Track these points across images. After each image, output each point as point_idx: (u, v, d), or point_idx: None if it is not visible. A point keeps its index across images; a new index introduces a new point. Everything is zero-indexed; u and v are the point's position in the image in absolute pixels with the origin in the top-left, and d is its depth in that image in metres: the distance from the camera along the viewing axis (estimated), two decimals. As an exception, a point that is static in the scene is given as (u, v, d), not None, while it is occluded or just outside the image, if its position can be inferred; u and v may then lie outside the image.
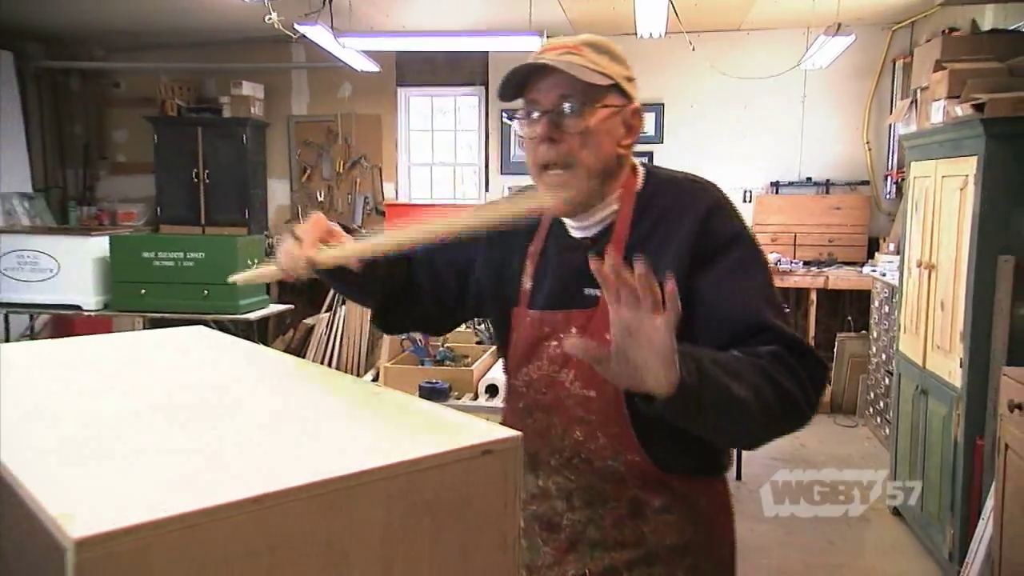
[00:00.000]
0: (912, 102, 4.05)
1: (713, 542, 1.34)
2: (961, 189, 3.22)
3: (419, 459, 0.62)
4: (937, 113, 3.43)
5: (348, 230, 1.41)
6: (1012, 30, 3.88)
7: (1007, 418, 2.79)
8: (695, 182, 1.34)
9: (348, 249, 1.28)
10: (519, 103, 1.30)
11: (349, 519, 0.58)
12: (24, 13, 6.52)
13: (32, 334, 6.19)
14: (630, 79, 1.30)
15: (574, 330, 1.29)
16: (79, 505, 0.51)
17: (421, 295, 1.52)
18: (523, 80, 1.27)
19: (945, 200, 3.41)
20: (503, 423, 1.40)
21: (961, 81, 3.28)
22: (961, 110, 3.17)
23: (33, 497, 0.53)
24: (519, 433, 0.70)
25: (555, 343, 1.31)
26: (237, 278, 1.55)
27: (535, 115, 1.26)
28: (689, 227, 1.25)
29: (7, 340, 5.79)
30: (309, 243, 1.28)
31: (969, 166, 3.14)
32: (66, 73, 7.73)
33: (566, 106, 1.23)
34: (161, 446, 0.67)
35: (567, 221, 1.35)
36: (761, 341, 1.15)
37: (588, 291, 1.28)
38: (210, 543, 0.51)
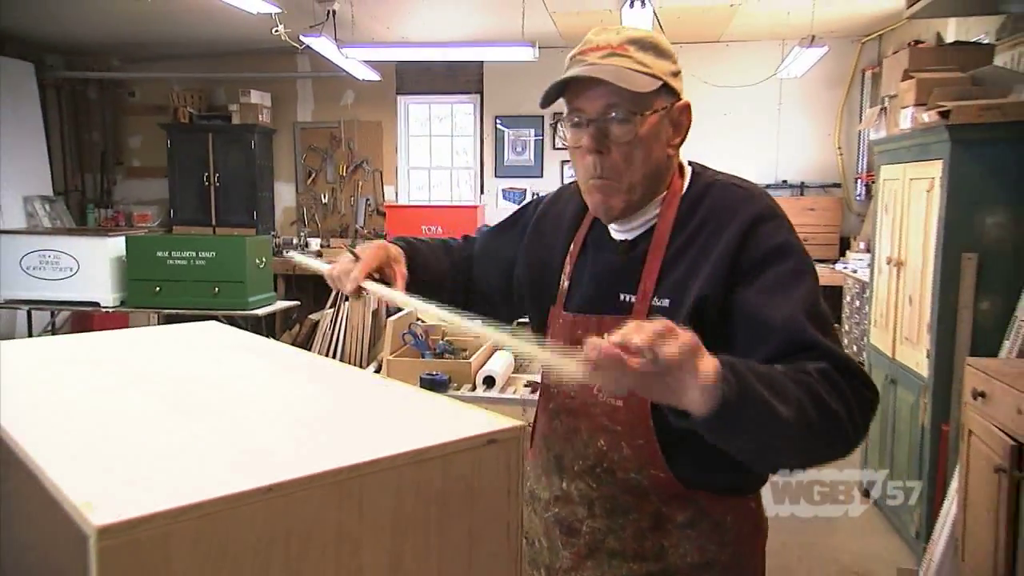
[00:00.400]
0: (882, 109, 4.06)
1: (738, 562, 1.22)
2: (928, 191, 3.23)
3: (427, 448, 0.61)
4: (906, 120, 3.43)
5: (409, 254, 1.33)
6: (973, 42, 3.89)
7: (970, 405, 2.80)
8: (742, 188, 1.21)
9: (395, 294, 1.21)
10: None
11: (360, 507, 0.57)
12: (44, 26, 6.51)
13: (53, 330, 6.17)
14: (676, 73, 1.18)
15: (605, 336, 1.18)
16: (100, 494, 0.50)
17: (474, 294, 1.46)
18: (564, 85, 1.17)
19: (913, 201, 3.41)
20: (534, 421, 1.36)
21: (928, 90, 3.28)
22: (928, 117, 3.17)
23: (56, 486, 0.52)
24: (522, 423, 0.68)
25: None
26: (296, 256, 1.51)
27: (581, 123, 1.15)
28: (733, 236, 1.12)
29: (30, 335, 5.76)
30: (363, 269, 1.21)
31: (935, 169, 3.14)
32: (84, 83, 7.71)
33: (613, 115, 1.12)
34: (177, 437, 0.66)
35: (610, 223, 1.24)
36: (808, 359, 1.01)
37: (623, 296, 1.19)
38: (227, 530, 0.50)
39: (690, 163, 1.26)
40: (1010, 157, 2.98)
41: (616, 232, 1.24)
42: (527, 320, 1.43)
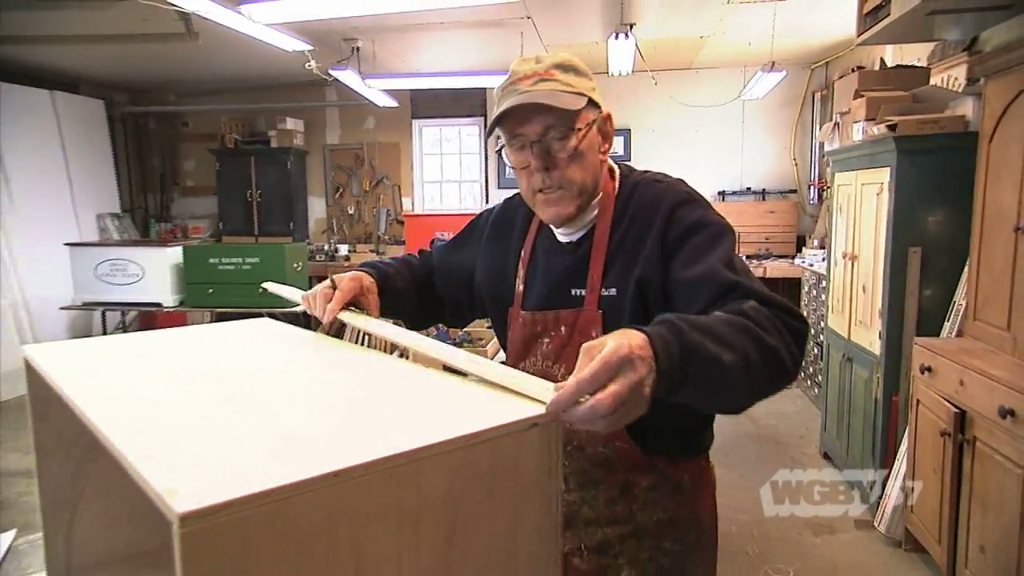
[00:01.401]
0: (835, 124, 4.03)
1: (696, 515, 1.21)
2: (878, 194, 3.20)
3: (477, 433, 0.58)
4: (858, 132, 3.41)
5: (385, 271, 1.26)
6: (912, 65, 3.87)
7: (918, 379, 2.78)
8: (662, 182, 1.19)
9: (368, 323, 1.12)
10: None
11: (417, 488, 0.54)
12: (112, 69, 6.57)
13: (124, 327, 6.15)
14: (594, 88, 1.16)
15: (563, 328, 1.17)
16: (181, 481, 0.48)
17: (442, 306, 1.42)
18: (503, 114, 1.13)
19: (864, 203, 3.39)
20: None
21: (876, 106, 3.26)
22: (877, 130, 3.15)
23: (139, 474, 0.49)
24: None
25: (547, 340, 1.20)
26: (269, 287, 1.39)
27: (525, 146, 1.12)
28: (659, 223, 1.11)
29: (104, 333, 5.75)
30: (339, 300, 1.14)
31: (884, 175, 3.12)
32: (145, 116, 7.71)
33: (552, 134, 1.10)
34: (244, 426, 0.62)
35: (554, 227, 1.21)
36: (736, 299, 0.97)
37: (574, 291, 1.17)
38: (298, 512, 0.47)
39: (617, 164, 1.24)
40: (947, 163, 2.98)
41: (561, 236, 1.22)
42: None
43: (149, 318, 6.28)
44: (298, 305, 1.21)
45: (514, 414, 0.62)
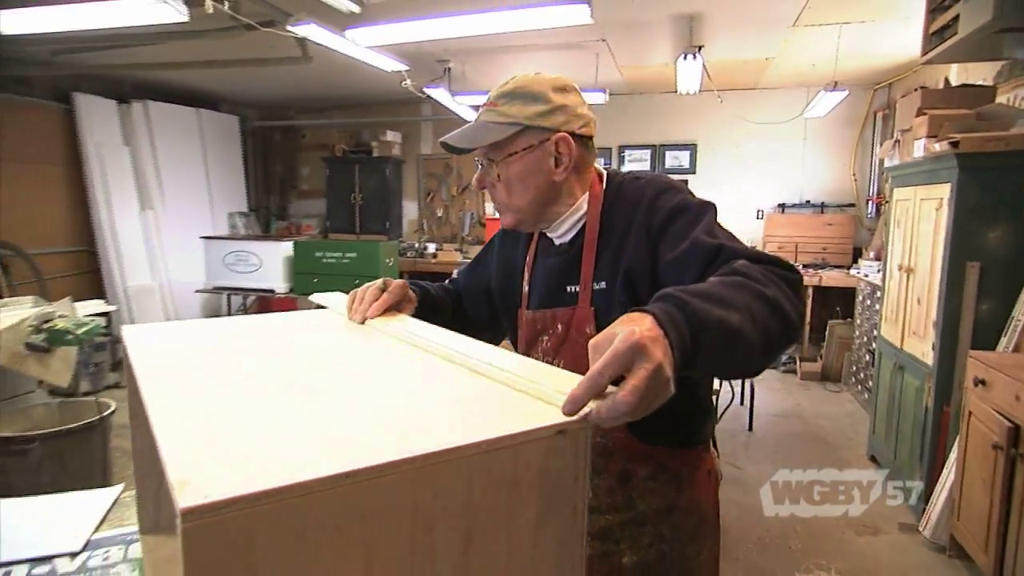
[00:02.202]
0: (895, 142, 3.73)
1: (695, 503, 1.13)
2: (937, 209, 2.94)
3: (498, 439, 0.51)
4: (919, 149, 3.14)
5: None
6: (977, 85, 3.54)
7: (971, 391, 2.54)
8: (641, 178, 1.12)
9: (401, 329, 0.99)
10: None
11: (433, 492, 0.48)
12: (246, 91, 6.89)
13: (245, 309, 6.42)
14: (551, 111, 1.06)
15: (559, 326, 1.12)
16: (196, 471, 0.43)
17: (474, 325, 1.32)
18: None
19: (923, 218, 3.12)
20: None
21: (938, 124, 2.99)
22: (939, 147, 2.88)
23: (163, 460, 0.46)
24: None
25: (546, 338, 1.14)
26: (315, 298, 1.26)
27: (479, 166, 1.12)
28: (642, 214, 1.04)
29: (229, 313, 6.02)
30: (379, 305, 1.05)
31: (944, 191, 2.86)
32: (271, 129, 7.98)
33: (481, 164, 1.10)
34: (281, 416, 0.57)
35: (548, 232, 1.17)
36: (723, 263, 0.89)
37: (569, 288, 1.11)
38: (306, 512, 0.43)
39: (607, 169, 1.18)
40: (1010, 181, 2.70)
41: (556, 238, 1.17)
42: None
43: (265, 302, 6.53)
44: (339, 309, 1.13)
45: (540, 420, 0.55)
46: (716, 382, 3.14)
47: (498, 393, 0.64)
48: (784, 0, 3.73)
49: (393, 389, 0.66)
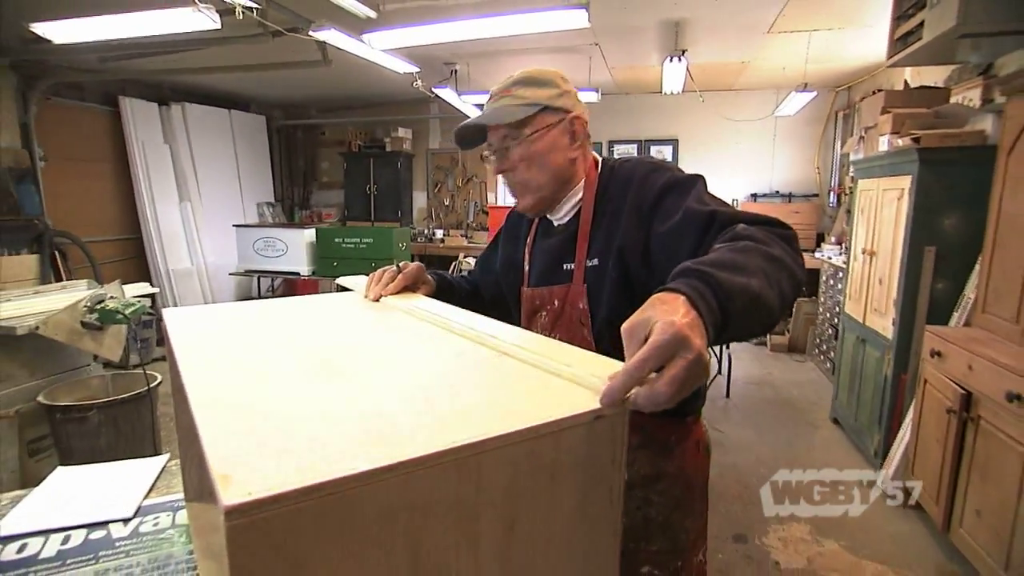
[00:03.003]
0: (860, 138, 3.67)
1: (683, 472, 1.06)
2: (898, 199, 2.89)
3: (540, 426, 0.46)
4: (883, 144, 3.08)
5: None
6: (933, 87, 3.48)
7: (928, 361, 2.52)
8: (630, 161, 1.07)
9: (419, 307, 0.94)
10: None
11: (476, 481, 0.44)
12: (273, 92, 6.78)
13: (273, 291, 6.38)
14: (562, 95, 1.03)
15: (556, 301, 1.06)
16: (238, 465, 0.39)
17: (491, 306, 1.27)
18: (479, 131, 1.08)
19: (884, 206, 3.07)
20: None
21: (901, 121, 2.93)
22: (902, 142, 2.83)
23: (205, 453, 0.41)
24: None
25: (543, 313, 1.08)
26: (341, 281, 1.22)
27: (493, 154, 1.07)
28: (632, 194, 0.99)
29: (259, 295, 5.98)
30: (396, 285, 1.02)
31: (905, 183, 2.81)
32: (295, 127, 7.86)
33: (507, 145, 1.04)
34: (318, 404, 0.51)
35: (549, 214, 1.13)
36: (719, 229, 0.83)
37: (566, 266, 1.06)
38: (351, 505, 0.38)
39: (601, 156, 1.13)
40: (965, 173, 2.65)
41: (555, 220, 1.12)
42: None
43: (291, 283, 6.49)
44: (359, 288, 1.09)
45: (579, 405, 0.50)
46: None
47: (530, 376, 0.58)
48: (761, 8, 3.64)
49: (424, 371, 0.61)
